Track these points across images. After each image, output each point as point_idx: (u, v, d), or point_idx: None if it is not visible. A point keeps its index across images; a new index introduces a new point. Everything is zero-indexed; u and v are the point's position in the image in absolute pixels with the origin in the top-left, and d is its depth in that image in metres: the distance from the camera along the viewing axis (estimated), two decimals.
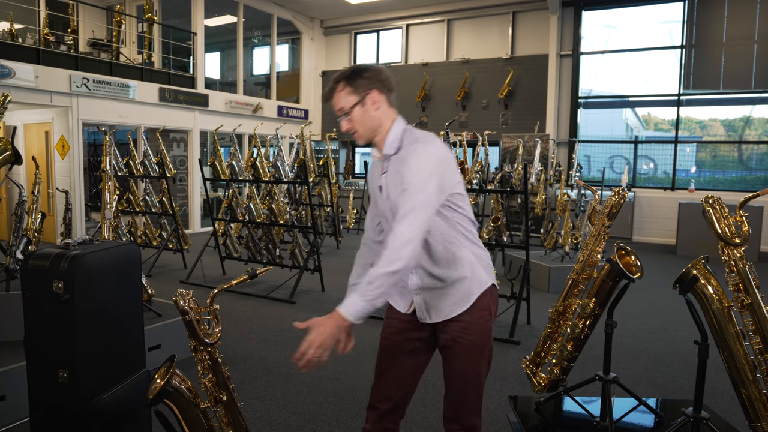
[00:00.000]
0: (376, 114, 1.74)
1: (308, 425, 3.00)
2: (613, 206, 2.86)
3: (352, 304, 1.60)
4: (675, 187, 10.04)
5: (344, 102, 1.74)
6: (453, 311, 1.81)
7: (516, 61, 11.27)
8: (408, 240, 1.62)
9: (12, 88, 7.42)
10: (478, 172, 6.00)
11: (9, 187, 8.74)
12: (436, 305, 1.82)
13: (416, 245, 1.64)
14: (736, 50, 9.44)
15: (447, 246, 1.79)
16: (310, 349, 1.55)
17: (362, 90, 1.72)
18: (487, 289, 1.84)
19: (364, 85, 1.72)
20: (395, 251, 1.60)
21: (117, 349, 2.31)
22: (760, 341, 2.26)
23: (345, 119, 1.76)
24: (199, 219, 10.83)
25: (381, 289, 1.60)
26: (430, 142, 1.73)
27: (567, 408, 2.88)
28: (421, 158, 1.68)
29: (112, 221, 4.12)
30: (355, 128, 1.77)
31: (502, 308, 5.03)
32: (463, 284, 1.80)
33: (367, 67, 1.76)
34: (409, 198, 1.65)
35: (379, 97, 1.74)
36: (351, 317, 1.59)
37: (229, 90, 12.18)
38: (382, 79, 1.74)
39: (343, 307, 1.60)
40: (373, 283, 1.60)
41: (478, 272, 1.82)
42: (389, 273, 1.60)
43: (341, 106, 1.75)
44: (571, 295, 2.84)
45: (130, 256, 2.42)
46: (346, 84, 1.74)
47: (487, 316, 1.86)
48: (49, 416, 2.15)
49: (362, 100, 1.73)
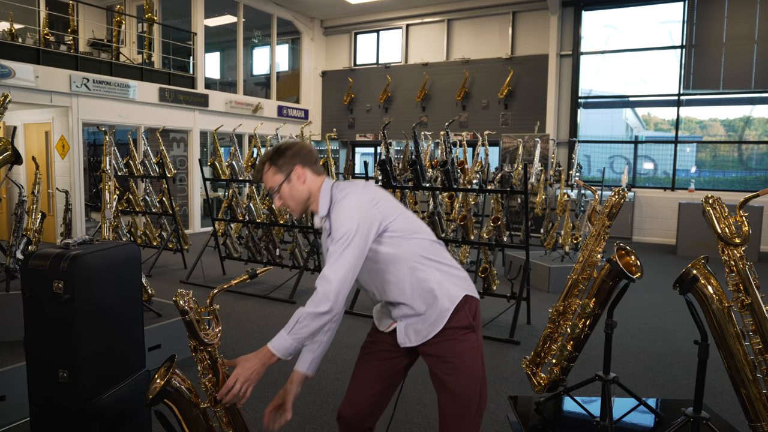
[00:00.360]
0: (303, 187, 1.84)
1: (308, 425, 3.01)
2: (613, 206, 2.86)
3: (279, 340, 1.70)
4: (675, 187, 10.04)
5: (272, 182, 1.84)
6: (431, 332, 1.84)
7: (516, 61, 11.27)
8: (335, 283, 1.69)
9: (12, 88, 7.42)
10: (478, 172, 6.00)
11: (9, 187, 8.74)
12: (415, 328, 1.87)
13: (343, 289, 1.70)
14: (736, 50, 9.44)
15: (410, 275, 1.83)
16: (236, 384, 1.68)
17: (286, 168, 1.82)
18: (460, 303, 1.84)
19: (286, 163, 1.82)
20: (322, 294, 1.69)
21: (117, 349, 2.31)
22: (760, 341, 2.26)
23: (276, 197, 1.86)
24: (199, 219, 10.84)
25: (307, 329, 1.69)
26: (353, 192, 1.80)
27: (567, 408, 2.88)
28: (344, 208, 1.76)
29: (112, 221, 4.12)
30: (287, 203, 1.86)
31: (502, 308, 5.04)
32: (436, 305, 1.83)
33: (288, 145, 1.86)
34: (337, 245, 1.72)
35: (302, 171, 1.83)
36: (278, 353, 1.70)
37: (229, 90, 12.18)
38: (304, 154, 1.84)
39: (271, 342, 1.71)
40: (301, 322, 1.69)
41: (447, 288, 1.84)
42: (315, 314, 1.68)
43: (270, 186, 1.85)
44: (571, 295, 2.84)
45: (130, 256, 2.42)
46: (271, 165, 1.84)
47: (468, 334, 1.85)
48: (49, 416, 2.15)
49: (288, 177, 1.82)
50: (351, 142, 13.27)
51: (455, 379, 1.83)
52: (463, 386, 1.83)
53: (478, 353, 1.87)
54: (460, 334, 1.84)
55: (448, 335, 1.83)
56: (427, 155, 7.85)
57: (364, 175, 5.59)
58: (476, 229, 5.92)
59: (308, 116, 13.45)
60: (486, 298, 5.11)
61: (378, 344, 1.99)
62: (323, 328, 1.78)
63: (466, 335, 1.84)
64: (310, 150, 1.88)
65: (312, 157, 1.87)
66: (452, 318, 1.82)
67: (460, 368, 1.83)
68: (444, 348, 1.84)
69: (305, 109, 13.45)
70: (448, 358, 1.84)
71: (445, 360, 1.84)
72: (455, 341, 1.83)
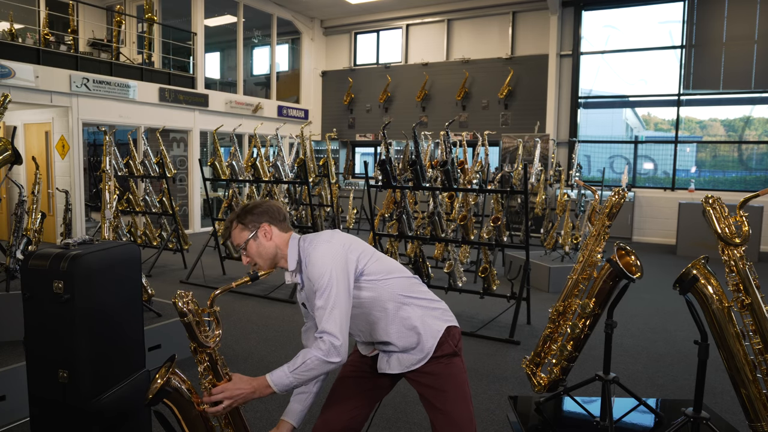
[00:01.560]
0: (269, 243, 1.86)
1: (308, 425, 3.00)
2: (613, 206, 2.86)
3: (281, 376, 1.71)
4: (675, 187, 10.04)
5: (239, 239, 1.87)
6: (415, 364, 1.88)
7: (516, 61, 11.27)
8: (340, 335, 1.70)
9: (12, 88, 7.42)
10: (478, 172, 5.99)
11: (9, 187, 8.74)
12: (399, 358, 1.90)
13: (347, 338, 1.73)
14: (736, 50, 9.44)
15: (393, 314, 1.86)
16: (221, 397, 1.68)
17: (253, 226, 1.86)
18: (442, 336, 1.88)
19: (253, 220, 1.86)
20: (331, 346, 1.69)
21: (117, 349, 2.31)
22: (760, 341, 2.26)
23: (243, 254, 1.88)
24: (199, 219, 10.83)
25: (313, 372, 1.71)
26: (322, 242, 1.82)
27: (567, 408, 2.88)
28: (318, 259, 1.78)
29: (112, 221, 4.12)
30: (254, 260, 1.88)
31: (502, 308, 5.04)
32: (420, 341, 1.86)
33: (256, 204, 1.91)
34: (323, 297, 1.73)
35: (269, 228, 1.86)
36: (276, 388, 1.71)
37: (229, 90, 12.18)
38: (271, 212, 1.88)
39: (271, 375, 1.71)
40: (308, 365, 1.70)
41: (429, 324, 1.88)
42: (326, 362, 1.69)
43: (237, 243, 1.88)
44: (571, 295, 2.83)
45: (130, 256, 2.42)
46: (238, 222, 1.87)
47: (453, 358, 1.90)
48: (49, 416, 2.15)
49: (254, 234, 1.85)
50: (351, 142, 13.27)
51: (444, 401, 1.86)
52: (454, 407, 1.86)
53: (464, 375, 1.92)
54: (444, 360, 1.88)
55: (433, 363, 1.88)
56: (427, 155, 7.85)
57: (364, 175, 5.59)
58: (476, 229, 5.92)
59: (308, 116, 13.45)
60: (486, 298, 5.11)
61: (358, 364, 2.01)
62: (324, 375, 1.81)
63: (451, 360, 1.89)
64: (279, 208, 1.92)
65: (280, 214, 1.90)
66: (437, 350, 1.87)
67: (449, 390, 1.87)
68: (430, 373, 1.88)
69: (305, 109, 13.46)
70: (436, 382, 1.87)
71: (433, 384, 1.88)
72: (441, 365, 1.88)
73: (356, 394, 1.97)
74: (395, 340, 1.87)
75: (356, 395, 1.97)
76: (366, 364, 2.00)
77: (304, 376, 1.70)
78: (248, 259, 1.88)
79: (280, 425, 1.94)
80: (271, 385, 1.70)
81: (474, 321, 4.97)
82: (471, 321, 4.98)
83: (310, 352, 1.70)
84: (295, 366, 1.70)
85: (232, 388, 1.70)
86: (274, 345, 4.30)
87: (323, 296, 1.73)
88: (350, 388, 1.98)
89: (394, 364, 1.90)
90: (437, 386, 1.87)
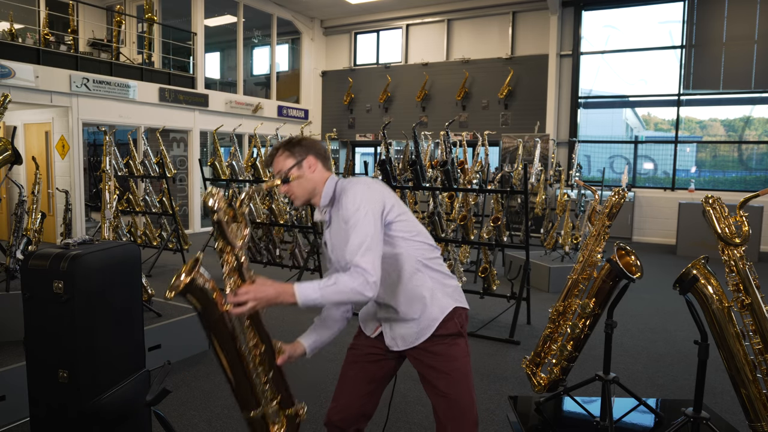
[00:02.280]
0: (311, 177, 1.86)
1: (308, 425, 3.00)
2: (613, 206, 2.86)
3: (308, 289, 1.65)
4: (675, 187, 10.04)
5: (282, 165, 1.86)
6: (417, 339, 1.86)
7: (516, 61, 11.27)
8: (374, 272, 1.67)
9: (12, 88, 7.42)
10: (478, 172, 5.99)
11: (9, 187, 8.74)
12: (401, 333, 1.88)
13: (379, 276, 1.69)
14: (736, 50, 9.44)
15: (404, 278, 1.84)
16: (246, 298, 1.61)
17: (299, 155, 1.85)
18: (449, 313, 1.86)
19: (301, 151, 1.86)
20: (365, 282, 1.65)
21: (117, 349, 2.31)
22: (760, 341, 2.26)
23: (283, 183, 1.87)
24: (199, 219, 10.83)
25: (341, 297, 1.66)
26: (359, 182, 1.82)
27: (567, 408, 2.88)
28: (354, 194, 1.77)
29: (112, 221, 4.12)
30: (293, 190, 1.87)
31: (502, 308, 5.04)
32: (424, 313, 1.84)
33: (304, 137, 1.92)
34: (358, 232, 1.70)
35: (314, 161, 1.86)
36: (300, 297, 1.64)
37: (229, 90, 12.18)
38: (318, 148, 1.90)
39: (299, 285, 1.66)
40: (338, 287, 1.65)
41: (439, 299, 1.85)
42: (358, 292, 1.65)
43: (280, 168, 1.87)
44: (571, 295, 2.84)
45: (130, 256, 2.42)
46: (285, 150, 1.87)
47: (457, 339, 1.88)
48: (49, 416, 2.15)
49: (299, 162, 1.85)
50: (351, 142, 13.27)
51: (447, 384, 1.85)
52: (457, 390, 1.85)
53: (467, 358, 1.90)
54: (449, 340, 1.86)
55: (437, 341, 1.85)
56: (427, 155, 7.85)
57: (364, 175, 5.59)
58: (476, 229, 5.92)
59: (308, 116, 13.45)
60: (486, 298, 5.11)
61: (364, 347, 2.00)
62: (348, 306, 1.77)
63: (455, 340, 1.87)
64: (324, 147, 1.93)
65: (324, 153, 1.91)
66: (440, 327, 1.85)
67: (452, 372, 1.85)
68: (433, 353, 1.86)
69: (305, 109, 13.46)
70: (439, 363, 1.85)
71: (435, 365, 1.86)
72: (445, 346, 1.86)
73: (364, 380, 1.96)
74: (400, 305, 1.84)
75: (365, 381, 1.96)
76: (371, 346, 1.97)
77: (332, 297, 1.65)
78: (287, 188, 1.86)
79: (294, 344, 1.91)
80: (296, 293, 1.64)
81: (474, 321, 4.97)
82: (471, 321, 4.98)
83: (343, 276, 1.66)
84: (326, 284, 1.65)
85: (256, 289, 1.64)
86: None
87: (357, 231, 1.70)
88: (358, 374, 1.97)
89: (399, 340, 1.88)
90: (440, 367, 1.85)
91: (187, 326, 4.01)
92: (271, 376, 1.75)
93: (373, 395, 1.98)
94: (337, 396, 1.99)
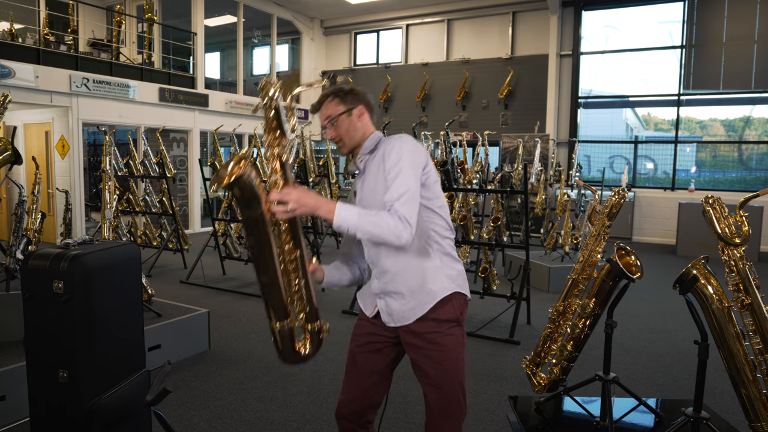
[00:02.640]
0: (359, 125, 1.88)
1: (308, 425, 3.01)
2: (613, 206, 2.86)
3: (348, 211, 1.66)
4: (675, 187, 10.04)
5: (332, 110, 1.87)
6: (412, 316, 1.84)
7: (516, 61, 11.27)
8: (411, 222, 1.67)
9: (12, 88, 7.42)
10: (478, 172, 6.00)
11: (9, 187, 8.74)
12: (397, 308, 1.86)
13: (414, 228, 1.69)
14: (736, 50, 9.44)
15: (412, 250, 1.82)
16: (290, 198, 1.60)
17: (350, 103, 1.88)
18: (449, 296, 1.84)
19: (352, 99, 1.88)
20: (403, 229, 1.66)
21: (117, 349, 2.31)
22: (760, 341, 2.26)
23: (331, 127, 1.88)
24: (199, 219, 10.84)
25: (377, 230, 1.65)
26: (406, 137, 1.83)
27: (567, 408, 2.88)
28: (401, 148, 1.77)
29: (112, 221, 4.12)
30: (340, 135, 1.88)
31: (502, 308, 5.04)
32: (422, 289, 1.83)
33: (354, 87, 1.94)
34: (399, 184, 1.71)
35: (364, 111, 1.89)
36: (338, 214, 1.64)
37: (229, 90, 12.18)
38: (367, 100, 1.92)
39: (341, 204, 1.65)
40: (378, 221, 1.65)
41: (441, 279, 1.84)
42: (393, 232, 1.65)
43: (329, 114, 1.87)
44: (571, 295, 2.84)
45: (130, 256, 2.42)
46: (336, 96, 1.89)
47: (453, 328, 1.87)
48: (49, 416, 2.15)
49: (350, 110, 1.87)
50: None
51: (439, 373, 1.84)
52: (449, 380, 1.85)
53: (462, 348, 1.89)
54: (445, 327, 1.84)
55: (433, 327, 1.83)
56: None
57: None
58: (476, 229, 5.92)
59: (308, 116, 13.44)
60: (486, 298, 5.11)
61: (364, 336, 1.98)
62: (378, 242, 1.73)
63: (452, 329, 1.86)
64: (372, 101, 1.96)
65: (373, 106, 1.95)
66: (437, 308, 1.83)
67: (444, 363, 1.84)
68: (428, 341, 1.84)
69: (305, 109, 13.45)
70: (434, 351, 1.84)
71: (429, 353, 1.84)
72: (440, 334, 1.84)
73: (368, 371, 1.96)
74: (400, 275, 1.82)
75: (368, 372, 1.96)
76: (371, 334, 1.96)
77: (367, 227, 1.65)
78: (334, 133, 1.87)
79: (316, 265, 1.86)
80: (335, 210, 1.63)
81: (474, 321, 4.97)
82: (471, 321, 4.98)
83: (384, 212, 1.67)
84: (367, 213, 1.66)
85: (300, 193, 1.62)
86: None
87: (398, 181, 1.71)
88: (361, 366, 1.97)
89: (395, 315, 1.86)
90: (435, 357, 1.84)
91: (187, 326, 4.02)
92: (303, 284, 1.74)
93: (379, 386, 1.98)
94: (344, 389, 2.00)
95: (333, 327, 4.63)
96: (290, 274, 1.73)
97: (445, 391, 1.85)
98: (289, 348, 1.79)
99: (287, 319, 1.75)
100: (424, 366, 1.86)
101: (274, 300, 1.73)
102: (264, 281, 1.72)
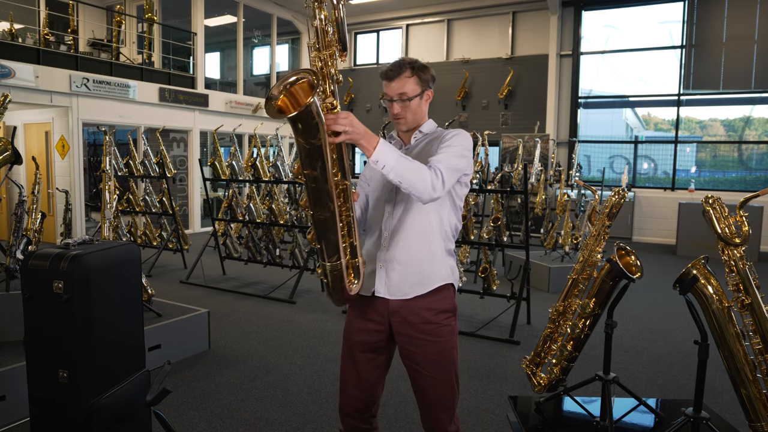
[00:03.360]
0: (425, 109, 1.92)
1: (308, 425, 3.00)
2: (613, 206, 2.86)
3: (390, 149, 1.63)
4: (675, 187, 10.04)
5: (409, 89, 1.85)
6: (413, 291, 1.84)
7: (516, 61, 11.27)
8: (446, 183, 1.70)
9: (12, 88, 7.42)
10: (478, 172, 5.99)
11: (9, 187, 8.74)
12: (397, 279, 1.84)
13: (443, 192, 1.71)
14: (736, 50, 9.44)
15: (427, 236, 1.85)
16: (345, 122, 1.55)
17: (425, 84, 1.88)
18: (447, 285, 1.89)
19: (427, 81, 1.88)
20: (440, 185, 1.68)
21: (117, 349, 2.31)
22: (760, 341, 2.26)
23: (400, 104, 1.85)
24: (199, 219, 10.83)
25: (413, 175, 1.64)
26: (467, 135, 1.88)
27: (567, 408, 2.88)
28: (460, 135, 1.84)
29: (112, 221, 4.12)
30: (406, 114, 1.88)
31: (502, 308, 5.04)
32: (431, 265, 1.85)
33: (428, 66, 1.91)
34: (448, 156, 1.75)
35: (431, 94, 1.92)
36: (379, 150, 1.61)
37: (229, 90, 12.18)
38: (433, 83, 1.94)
39: (384, 142, 1.64)
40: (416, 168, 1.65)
41: (444, 268, 1.88)
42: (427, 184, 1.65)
43: (404, 91, 1.84)
44: (571, 295, 2.84)
45: (130, 256, 2.42)
46: (415, 73, 1.85)
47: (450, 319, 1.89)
48: (49, 416, 2.15)
49: (423, 92, 1.87)
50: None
51: (436, 364, 1.86)
52: (445, 370, 1.86)
53: (456, 337, 1.92)
54: (442, 318, 1.86)
55: (430, 317, 1.84)
56: None
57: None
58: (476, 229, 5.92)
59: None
60: (486, 298, 5.11)
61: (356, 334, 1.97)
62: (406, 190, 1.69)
63: (449, 320, 1.89)
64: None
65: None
66: (437, 293, 1.85)
67: (443, 353, 1.87)
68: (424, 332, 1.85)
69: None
70: (430, 345, 1.85)
71: (426, 344, 1.85)
72: (438, 325, 1.85)
73: (363, 371, 1.96)
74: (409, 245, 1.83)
75: (364, 371, 1.96)
76: (362, 331, 1.94)
77: (404, 170, 1.62)
78: (402, 110, 1.86)
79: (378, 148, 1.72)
80: (378, 144, 1.61)
81: (474, 321, 4.97)
82: (471, 321, 4.98)
83: (424, 167, 1.67)
84: (408, 159, 1.65)
85: (352, 119, 1.57)
86: (274, 345, 4.30)
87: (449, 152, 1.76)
88: (357, 367, 1.96)
89: (393, 287, 1.84)
90: (433, 349, 1.84)
91: (187, 326, 4.02)
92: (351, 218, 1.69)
93: (377, 383, 1.98)
94: (343, 389, 1.99)
95: (333, 327, 4.64)
96: (341, 208, 1.65)
97: (442, 379, 1.87)
98: (339, 288, 1.76)
99: (339, 257, 1.69)
100: (420, 358, 1.86)
101: (330, 237, 1.65)
102: (321, 218, 1.62)
